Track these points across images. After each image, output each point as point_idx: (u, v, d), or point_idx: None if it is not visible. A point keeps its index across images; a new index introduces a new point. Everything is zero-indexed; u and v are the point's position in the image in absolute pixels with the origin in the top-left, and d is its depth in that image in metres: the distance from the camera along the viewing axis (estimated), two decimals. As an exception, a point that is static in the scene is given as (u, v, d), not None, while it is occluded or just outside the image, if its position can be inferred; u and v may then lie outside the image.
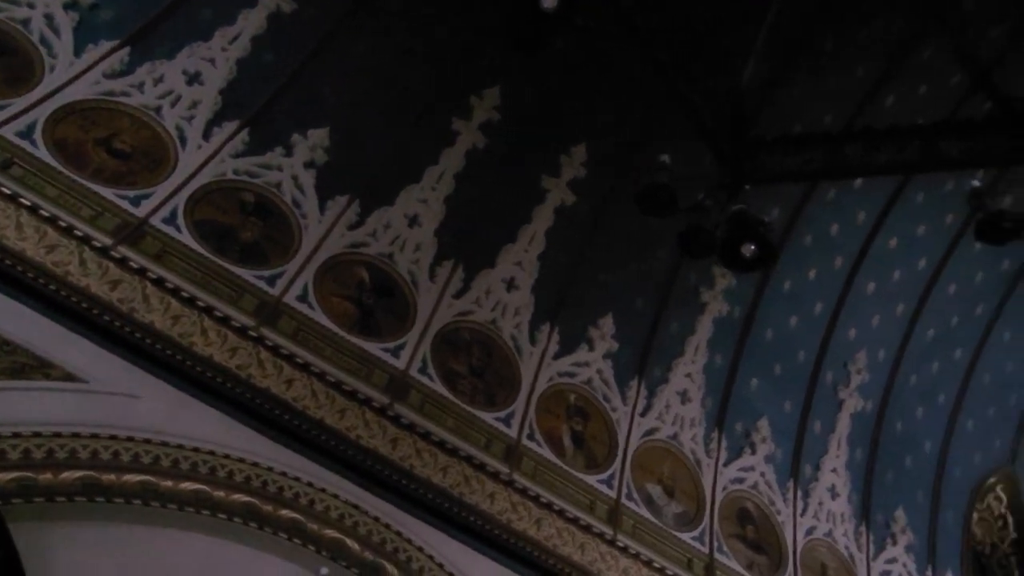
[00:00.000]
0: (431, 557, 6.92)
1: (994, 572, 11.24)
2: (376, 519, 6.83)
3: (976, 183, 5.63)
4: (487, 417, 7.90)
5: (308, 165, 7.70)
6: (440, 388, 7.71)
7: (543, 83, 8.71)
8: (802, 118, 8.25)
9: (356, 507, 6.79)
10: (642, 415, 8.96)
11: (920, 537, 10.43)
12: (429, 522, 7.06)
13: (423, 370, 7.70)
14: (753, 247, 5.51)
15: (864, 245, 10.23)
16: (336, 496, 6.73)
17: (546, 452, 8.10)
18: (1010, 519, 11.22)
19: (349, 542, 6.67)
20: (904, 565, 10.21)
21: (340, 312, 7.51)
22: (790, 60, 9.06)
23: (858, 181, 10.00)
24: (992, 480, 11.14)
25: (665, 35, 6.28)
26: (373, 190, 7.97)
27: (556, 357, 8.63)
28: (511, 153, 8.74)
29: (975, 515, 11.20)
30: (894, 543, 10.22)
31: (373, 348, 7.52)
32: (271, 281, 7.15)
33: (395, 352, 7.60)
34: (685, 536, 8.65)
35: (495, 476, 7.53)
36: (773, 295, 9.90)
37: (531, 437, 8.07)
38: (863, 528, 10.06)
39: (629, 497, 8.46)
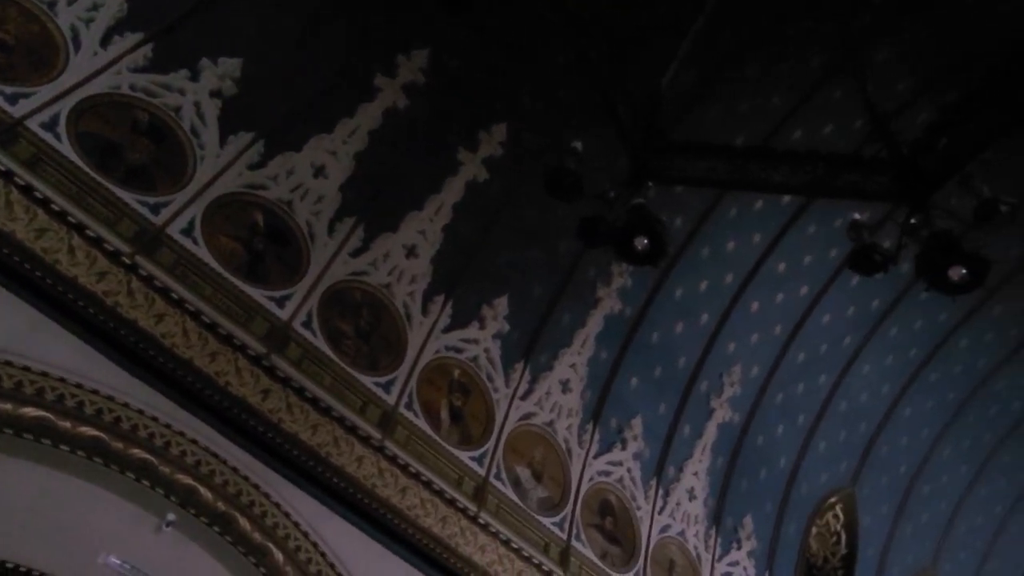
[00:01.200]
0: (287, 515, 6.59)
1: (823, 584, 11.79)
2: (235, 470, 6.43)
3: (858, 216, 5.74)
4: (367, 381, 7.58)
5: (214, 94, 7.11)
6: (322, 345, 7.33)
7: (475, 56, 8.39)
8: (715, 135, 8.23)
9: (215, 455, 6.37)
10: (522, 399, 8.84)
11: (763, 544, 10.80)
12: (291, 479, 6.72)
13: (307, 324, 7.30)
14: (646, 241, 5.44)
15: (755, 266, 10.42)
16: (195, 442, 6.30)
17: (422, 423, 7.86)
18: (843, 536, 11.77)
19: (202, 490, 6.26)
20: (745, 569, 10.55)
21: (227, 252, 7.01)
22: (713, 77, 9.10)
23: (759, 203, 10.18)
24: (833, 499, 11.65)
25: (597, 26, 6.12)
26: (280, 133, 7.47)
27: (446, 330, 8.38)
28: (431, 120, 8.39)
29: (814, 529, 11.70)
30: (739, 548, 10.54)
31: (257, 294, 7.07)
32: (155, 209, 6.58)
33: (280, 302, 7.17)
34: (546, 521, 8.61)
35: (366, 440, 7.24)
36: (664, 300, 9.96)
37: (409, 406, 7.81)
38: (713, 531, 10.32)
39: (498, 477, 8.34)
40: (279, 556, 6.46)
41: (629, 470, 9.60)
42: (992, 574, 12.97)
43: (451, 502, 7.64)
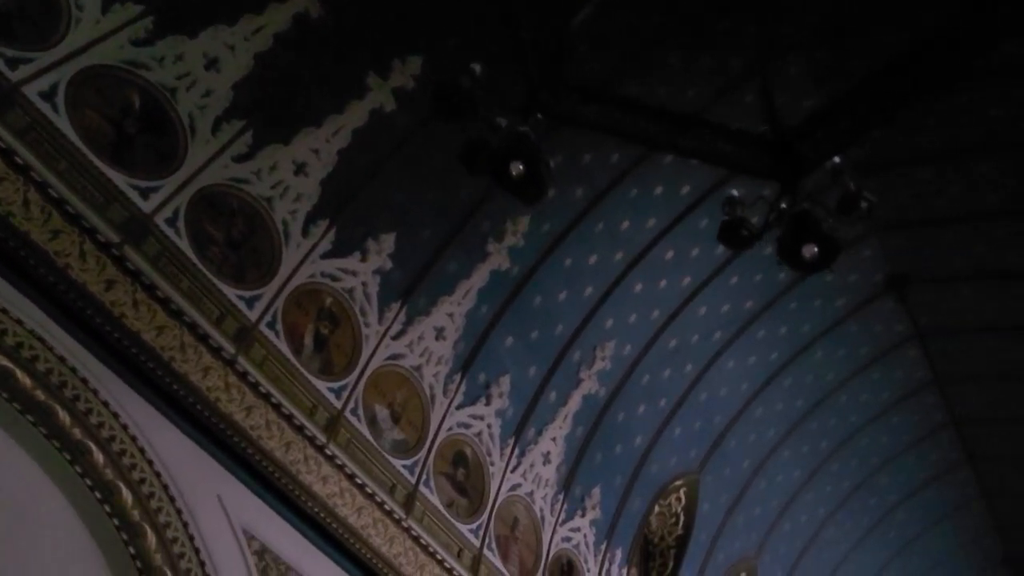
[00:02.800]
0: (116, 415, 6.00)
1: (655, 559, 12.09)
2: (62, 359, 5.79)
3: (735, 193, 5.71)
4: (230, 292, 7.02)
5: (101, -44, 6.31)
6: (185, 245, 6.71)
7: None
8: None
9: (41, 340, 5.70)
10: (393, 338, 8.46)
11: (606, 516, 10.92)
12: (126, 379, 6.12)
13: (172, 222, 6.65)
14: (521, 167, 5.18)
15: (645, 249, 10.39)
16: (20, 322, 5.60)
17: (282, 345, 7.38)
18: (682, 518, 12.09)
19: (20, 375, 5.60)
20: (585, 536, 10.64)
21: (93, 128, 6.26)
22: (636, 55, 8.92)
23: (659, 189, 10.13)
24: (679, 483, 11.91)
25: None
26: (174, 15, 6.69)
27: (325, 256, 7.87)
28: (344, 37, 7.78)
29: (657, 508, 11.96)
30: (583, 515, 10.61)
31: (120, 180, 6.36)
32: (12, 63, 5.77)
33: (145, 192, 6.49)
34: (397, 462, 8.32)
35: (217, 352, 6.71)
36: (552, 266, 9.76)
37: (271, 326, 7.31)
38: (561, 496, 10.32)
39: (354, 412, 7.97)
40: (99, 457, 5.88)
41: (489, 426, 9.43)
42: (804, 569, 13.69)
43: (299, 428, 7.23)
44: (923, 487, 13.95)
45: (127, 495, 5.82)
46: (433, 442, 8.76)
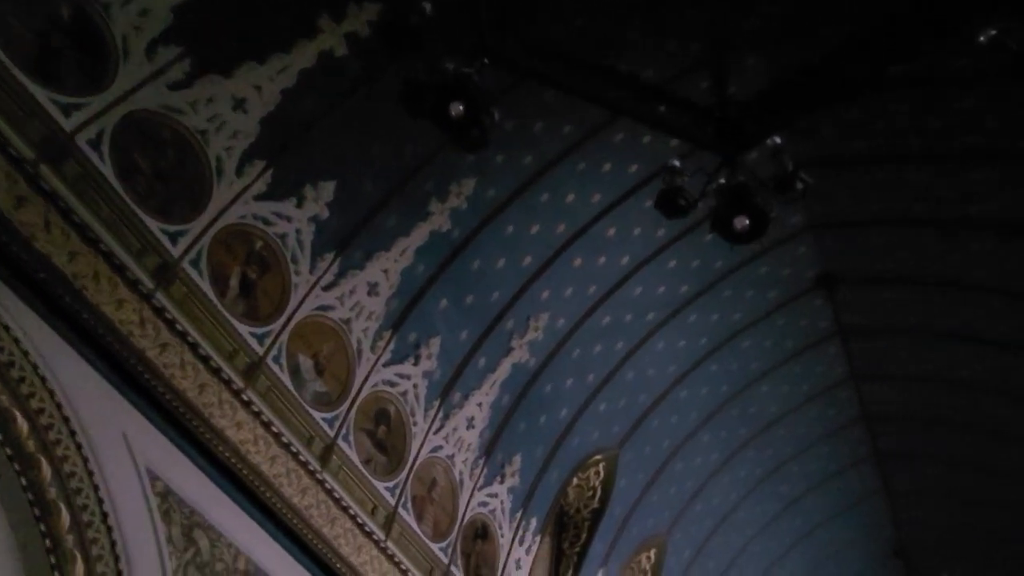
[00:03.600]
0: (16, 340, 5.67)
1: (569, 530, 12.29)
2: (-41, 276, 5.45)
3: (676, 163, 5.73)
4: (153, 224, 6.71)
5: None
6: (108, 171, 6.36)
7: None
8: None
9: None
10: (324, 289, 8.27)
11: (524, 484, 11.01)
12: (31, 303, 5.78)
13: (96, 144, 6.30)
14: (461, 108, 5.07)
15: (588, 224, 10.38)
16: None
17: (205, 285, 7.11)
18: (599, 492, 12.28)
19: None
20: (502, 502, 10.72)
21: (14, 37, 5.85)
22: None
23: (607, 166, 10.10)
24: (599, 457, 12.08)
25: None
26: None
27: (259, 198, 7.59)
28: (298, -29, 7.47)
29: (575, 480, 12.12)
30: (501, 482, 10.67)
31: (41, 95, 5.96)
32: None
33: (67, 110, 6.10)
34: (317, 415, 8.18)
35: (134, 285, 6.42)
36: (494, 232, 9.66)
37: (195, 264, 7.03)
38: (482, 462, 10.35)
39: (276, 360, 7.78)
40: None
41: (415, 386, 9.34)
42: (711, 550, 14.13)
43: (216, 371, 7.02)
44: (830, 478, 14.50)
45: (23, 424, 5.54)
46: (356, 397, 8.64)
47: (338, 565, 8.00)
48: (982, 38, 4.36)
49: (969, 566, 15.24)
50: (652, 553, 13.29)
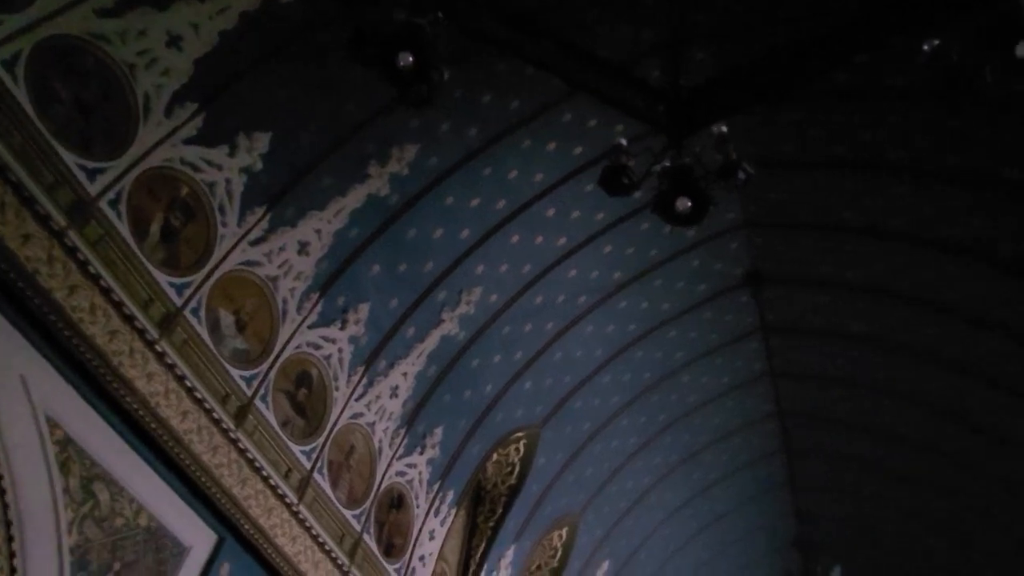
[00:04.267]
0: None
1: (485, 504, 12.35)
2: None
3: (623, 142, 5.73)
4: (70, 159, 6.31)
5: None
6: (23, 97, 5.93)
7: None
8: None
9: None
10: (252, 244, 7.97)
11: (444, 456, 10.98)
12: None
13: (10, 66, 5.84)
14: (411, 59, 4.92)
15: (528, 202, 10.33)
16: None
17: (124, 227, 6.75)
18: (517, 469, 12.36)
19: None
20: (420, 473, 10.66)
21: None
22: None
23: (552, 145, 10.05)
24: (520, 434, 12.14)
25: None
26: None
27: (188, 142, 7.23)
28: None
29: (495, 455, 12.16)
30: (421, 453, 10.61)
31: (-50, 6, 5.53)
32: None
33: (-20, 24, 5.67)
34: (235, 372, 7.92)
35: (44, 220, 6.03)
36: (433, 202, 9.50)
37: (114, 204, 6.66)
38: (403, 431, 10.25)
39: (195, 312, 7.48)
40: None
41: (340, 351, 9.16)
42: (622, 531, 14.45)
43: (129, 319, 6.69)
44: (740, 469, 15.00)
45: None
46: (278, 358, 8.41)
47: (246, 527, 7.80)
48: (925, 47, 4.47)
49: (860, 560, 16.04)
50: (564, 531, 13.50)
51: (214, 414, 7.48)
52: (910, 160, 9.94)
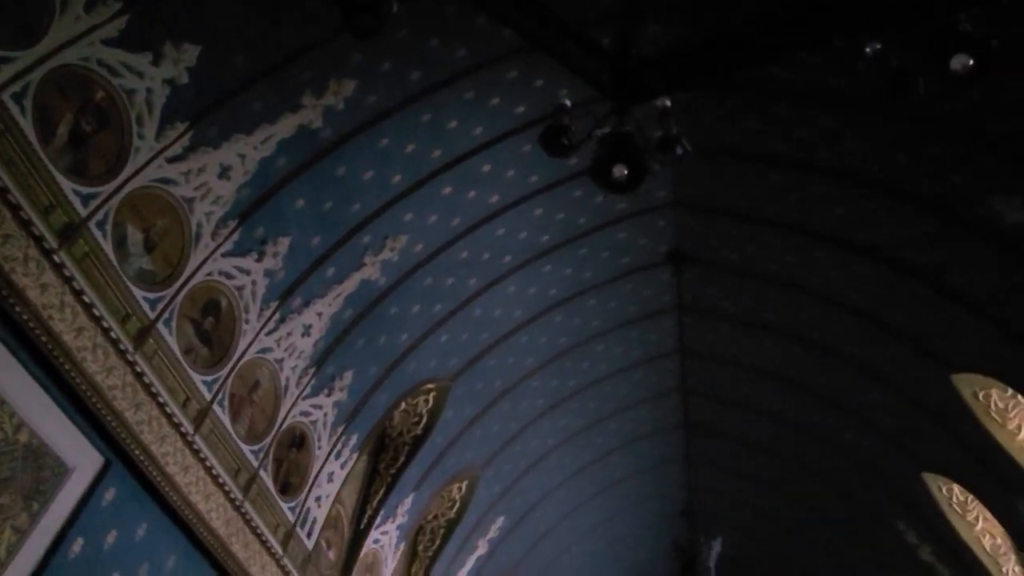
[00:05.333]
0: None
1: (388, 451, 12.37)
2: None
3: (567, 102, 5.70)
4: (-31, 44, 5.81)
5: None
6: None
7: None
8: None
9: None
10: (169, 161, 7.55)
11: (351, 400, 10.89)
12: None
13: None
14: None
15: (465, 155, 10.18)
16: None
17: (27, 125, 6.26)
18: (425, 420, 12.40)
19: None
20: (325, 414, 10.56)
21: None
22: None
23: (495, 100, 9.90)
24: (430, 386, 12.15)
25: None
26: None
27: (109, 43, 6.70)
28: None
29: (403, 405, 12.15)
30: (328, 395, 10.49)
31: None
32: None
33: None
34: (139, 293, 7.58)
35: (-66, 107, 5.56)
36: (366, 142, 9.24)
37: (18, 98, 6.16)
38: (312, 371, 10.08)
39: (100, 226, 7.08)
40: None
41: (254, 283, 8.88)
42: (521, 489, 14.79)
43: (26, 223, 6.27)
44: (640, 440, 15.53)
45: None
46: (187, 282, 8.09)
47: (137, 452, 7.55)
48: (868, 50, 4.59)
49: (742, 533, 16.94)
50: (464, 484, 13.71)
51: (112, 333, 7.16)
52: (838, 163, 10.27)
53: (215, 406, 8.67)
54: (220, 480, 8.59)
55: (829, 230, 11.10)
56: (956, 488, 12.40)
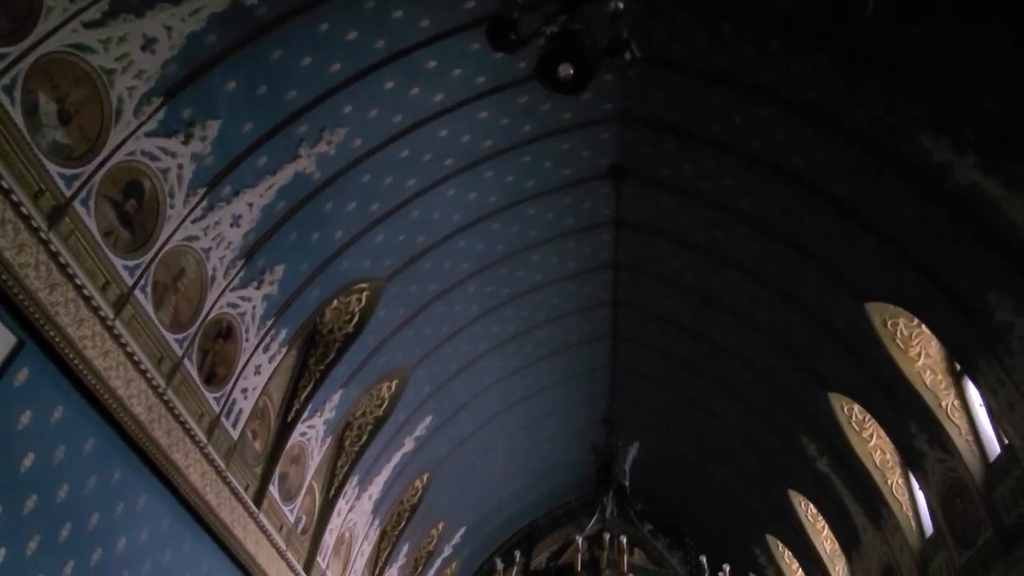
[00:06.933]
0: None
1: (318, 348, 12.29)
2: None
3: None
4: None
5: None
6: None
7: None
8: None
9: None
10: (87, 26, 6.93)
11: (282, 295, 10.67)
12: None
13: None
14: None
15: (410, 48, 9.71)
16: None
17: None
18: (356, 318, 12.30)
19: None
20: (253, 307, 10.34)
21: None
22: None
23: (448, -9, 9.41)
24: (364, 285, 11.98)
25: None
26: None
27: None
28: None
29: (335, 302, 12.00)
30: (258, 288, 10.24)
31: None
32: None
33: None
34: (53, 167, 7.12)
35: None
36: (304, 25, 8.66)
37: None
38: (240, 263, 9.79)
39: (8, 91, 6.55)
40: None
41: (180, 166, 8.45)
42: (450, 391, 15.02)
43: (-81, 82, 5.74)
44: (569, 348, 15.87)
45: None
46: (106, 161, 7.62)
47: (52, 334, 7.25)
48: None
49: (657, 441, 17.75)
50: (394, 384, 13.82)
51: (22, 208, 6.73)
52: (780, 86, 10.23)
53: (137, 292, 8.37)
54: (142, 367, 8.39)
55: (767, 155, 11.18)
56: (856, 408, 13.18)
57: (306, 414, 11.99)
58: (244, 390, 10.56)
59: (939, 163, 9.31)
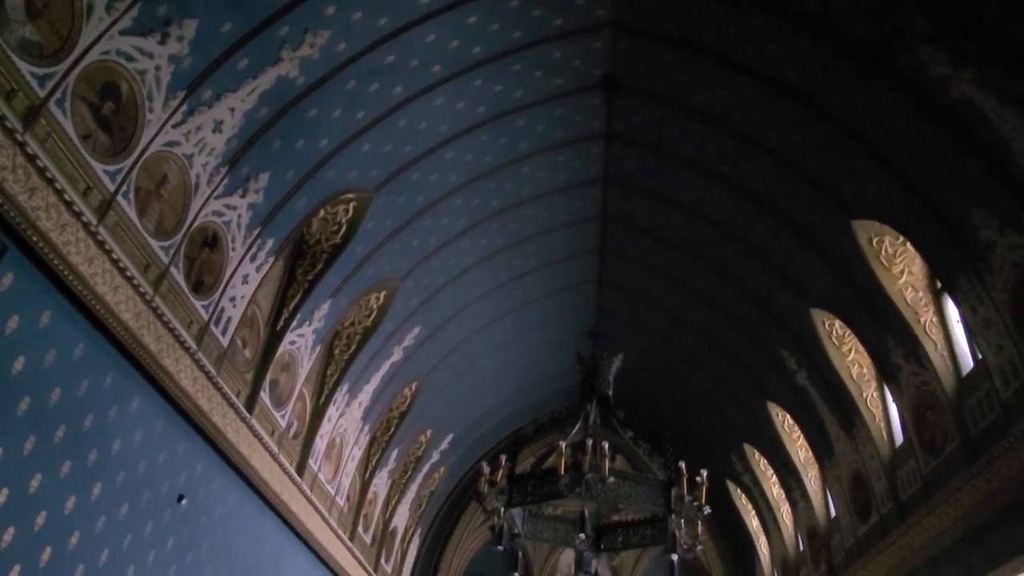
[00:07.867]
0: None
1: (305, 258, 12.24)
2: None
3: None
4: None
5: None
6: None
7: None
8: None
9: None
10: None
11: (267, 203, 10.54)
12: None
13: None
14: None
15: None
16: None
17: None
18: (344, 229, 12.18)
19: None
20: (239, 215, 10.23)
21: None
22: None
23: None
24: (351, 195, 11.81)
25: None
26: None
27: None
28: None
29: (322, 212, 11.87)
30: (243, 196, 10.09)
31: None
32: None
33: None
34: (23, 66, 6.85)
35: None
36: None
37: None
38: (224, 170, 9.62)
39: (-29, -17, 6.23)
40: None
41: (158, 68, 8.15)
42: (438, 302, 15.09)
43: None
44: (557, 262, 15.87)
45: None
46: (80, 59, 7.34)
47: (35, 239, 7.16)
48: None
49: (641, 354, 18.06)
50: (382, 295, 13.86)
51: (-5, 110, 6.52)
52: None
53: (119, 198, 8.24)
54: (128, 273, 8.35)
55: (761, 67, 10.88)
56: (837, 323, 13.37)
57: (295, 323, 12.06)
58: (232, 299, 10.57)
59: (934, 77, 9.10)
